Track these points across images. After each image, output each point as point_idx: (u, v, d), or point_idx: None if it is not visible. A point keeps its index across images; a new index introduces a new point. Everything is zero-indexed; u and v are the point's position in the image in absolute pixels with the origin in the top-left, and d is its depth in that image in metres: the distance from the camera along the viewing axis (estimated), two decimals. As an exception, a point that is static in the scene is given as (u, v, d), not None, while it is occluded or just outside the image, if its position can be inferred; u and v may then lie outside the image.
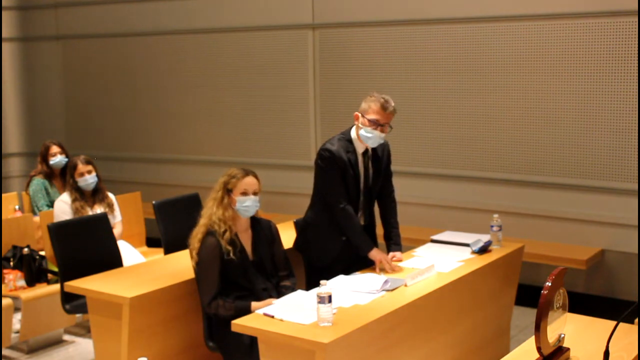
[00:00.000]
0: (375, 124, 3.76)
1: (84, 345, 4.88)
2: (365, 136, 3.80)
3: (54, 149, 5.67)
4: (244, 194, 3.58)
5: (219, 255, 3.53)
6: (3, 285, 4.63)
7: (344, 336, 2.91)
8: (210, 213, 3.61)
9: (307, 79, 6.51)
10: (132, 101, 7.62)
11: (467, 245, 4.15)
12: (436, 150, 5.95)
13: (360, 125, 3.81)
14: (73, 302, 4.19)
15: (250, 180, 3.61)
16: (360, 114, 3.81)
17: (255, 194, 3.62)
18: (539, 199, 5.54)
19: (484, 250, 4.10)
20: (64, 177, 5.51)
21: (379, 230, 4.11)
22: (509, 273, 4.29)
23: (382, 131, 3.77)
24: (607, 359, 2.40)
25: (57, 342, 4.94)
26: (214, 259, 3.53)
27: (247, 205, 3.59)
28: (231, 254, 3.53)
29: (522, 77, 5.48)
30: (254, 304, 3.46)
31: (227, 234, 3.56)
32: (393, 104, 3.79)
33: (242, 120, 6.94)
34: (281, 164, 6.72)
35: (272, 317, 3.08)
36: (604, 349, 2.41)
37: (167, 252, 4.74)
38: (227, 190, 3.60)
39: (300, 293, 3.41)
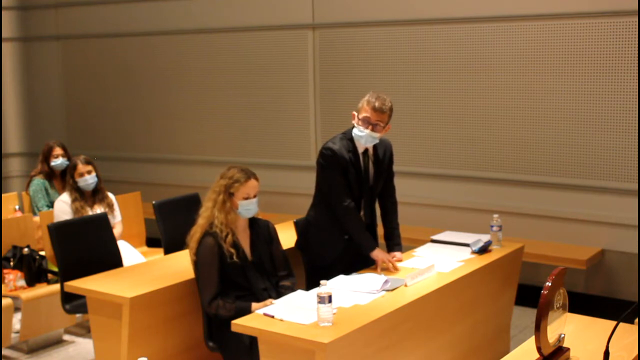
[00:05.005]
0: (366, 122, 3.75)
1: (84, 345, 4.88)
2: (357, 135, 3.79)
3: (57, 150, 5.65)
4: (247, 198, 3.59)
5: (218, 255, 3.53)
6: (3, 285, 4.63)
7: (344, 336, 2.91)
8: (208, 215, 3.60)
9: (307, 79, 6.50)
10: (132, 101, 7.62)
11: (467, 245, 4.15)
12: (436, 150, 5.95)
13: (355, 124, 3.81)
14: (73, 302, 4.19)
15: (252, 184, 3.61)
16: (355, 113, 3.82)
17: (255, 196, 3.63)
18: (539, 199, 5.53)
19: (484, 250, 4.10)
20: (64, 178, 5.49)
21: (380, 230, 4.11)
22: (509, 273, 4.29)
23: (373, 130, 3.75)
24: (607, 359, 2.40)
25: (57, 342, 4.94)
26: (213, 259, 3.53)
27: (249, 208, 3.61)
28: (234, 257, 3.54)
29: (522, 77, 5.48)
30: (254, 305, 3.46)
31: (230, 237, 3.57)
32: (388, 104, 3.76)
33: (242, 120, 6.94)
34: (281, 164, 6.72)
35: (272, 317, 3.08)
36: (604, 349, 2.41)
37: (167, 252, 4.74)
38: (229, 194, 3.60)
39: (300, 293, 3.41)
